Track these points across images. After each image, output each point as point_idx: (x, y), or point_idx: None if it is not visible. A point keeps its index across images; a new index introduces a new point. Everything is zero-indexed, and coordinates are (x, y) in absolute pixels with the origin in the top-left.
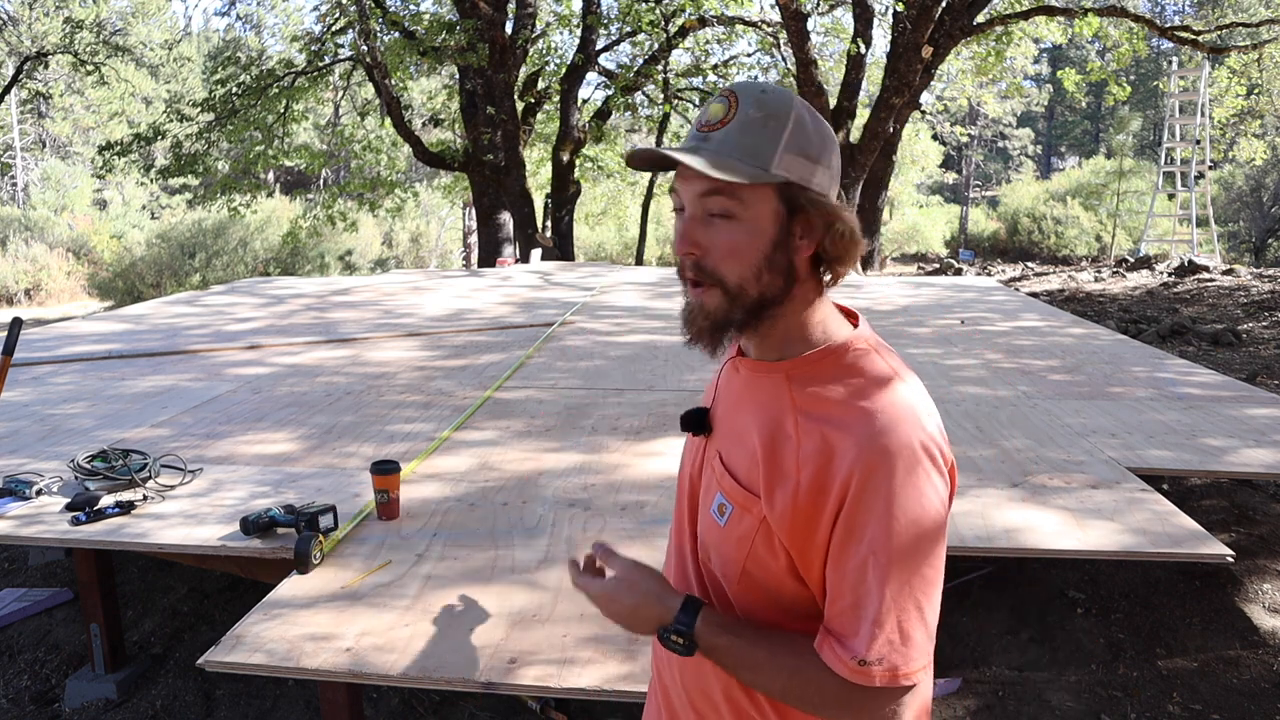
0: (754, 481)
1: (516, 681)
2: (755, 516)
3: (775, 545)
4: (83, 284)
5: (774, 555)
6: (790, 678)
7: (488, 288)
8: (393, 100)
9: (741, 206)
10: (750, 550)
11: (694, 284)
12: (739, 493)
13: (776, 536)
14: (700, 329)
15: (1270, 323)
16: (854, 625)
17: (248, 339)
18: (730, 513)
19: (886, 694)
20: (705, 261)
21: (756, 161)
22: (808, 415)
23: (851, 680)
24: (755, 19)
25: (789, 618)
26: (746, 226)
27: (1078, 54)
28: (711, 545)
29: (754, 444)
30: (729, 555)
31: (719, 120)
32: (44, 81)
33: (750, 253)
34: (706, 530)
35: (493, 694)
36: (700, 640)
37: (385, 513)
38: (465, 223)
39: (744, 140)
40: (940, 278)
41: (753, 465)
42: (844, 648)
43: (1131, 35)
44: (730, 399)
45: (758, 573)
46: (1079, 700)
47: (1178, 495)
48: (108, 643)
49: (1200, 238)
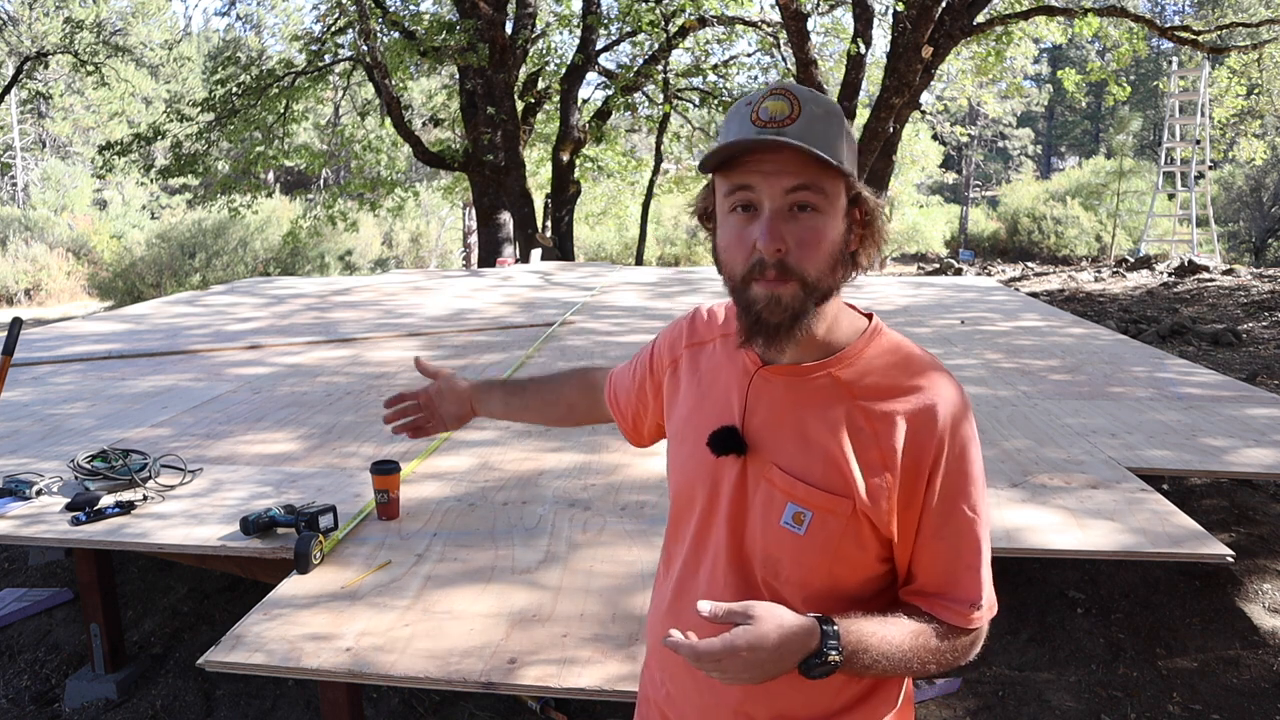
0: (835, 482)
1: (516, 681)
2: (843, 515)
3: (865, 537)
4: (83, 284)
5: (863, 548)
6: (926, 651)
7: (488, 288)
8: (393, 100)
9: (825, 200)
10: (838, 550)
11: (770, 280)
12: (820, 497)
13: (869, 527)
14: (780, 322)
15: (1270, 323)
16: (966, 577)
17: (248, 339)
18: (810, 519)
19: (986, 628)
20: (789, 258)
21: (834, 155)
22: (872, 402)
23: (973, 627)
24: (755, 19)
25: (858, 605)
26: (828, 220)
27: (1078, 54)
28: (786, 557)
29: (825, 445)
30: (812, 562)
31: (786, 116)
32: (44, 81)
33: (829, 246)
34: (776, 544)
35: (493, 694)
36: (848, 649)
37: (385, 513)
38: (465, 223)
39: (817, 134)
40: (940, 278)
41: (830, 466)
42: (958, 601)
43: (1131, 35)
44: (772, 410)
45: (843, 571)
46: (1079, 700)
47: (1178, 495)
48: (108, 643)
49: (1200, 238)
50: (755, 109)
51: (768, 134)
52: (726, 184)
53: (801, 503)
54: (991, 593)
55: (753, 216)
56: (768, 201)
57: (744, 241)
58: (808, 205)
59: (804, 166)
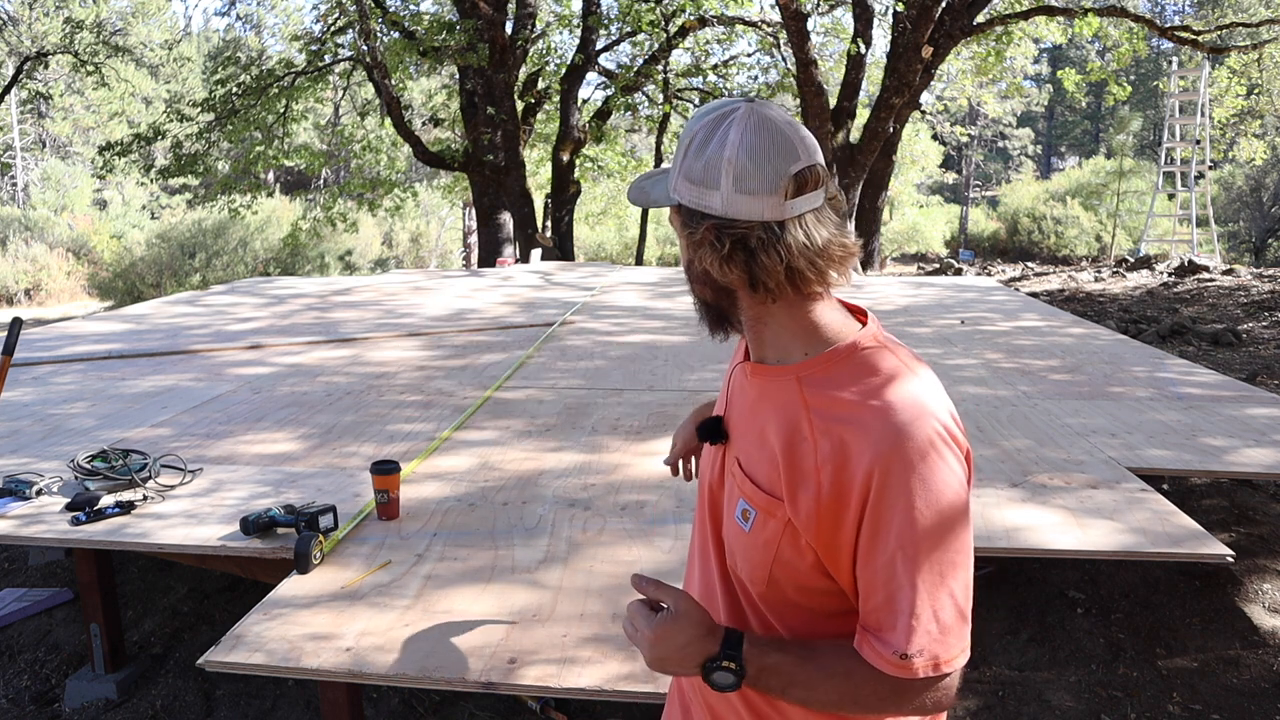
0: (775, 485)
1: (516, 681)
2: (779, 520)
3: (801, 545)
4: (83, 284)
5: (800, 555)
6: (842, 684)
7: (488, 288)
8: (393, 100)
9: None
10: (776, 553)
11: None
12: (761, 497)
13: (803, 537)
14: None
15: (1270, 323)
16: (891, 620)
17: (249, 339)
18: (754, 518)
19: (930, 683)
20: None
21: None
22: (822, 416)
23: (896, 675)
24: (755, 19)
25: (817, 617)
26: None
27: (1078, 54)
28: (738, 551)
29: (772, 448)
30: (755, 559)
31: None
32: (44, 81)
33: (690, 267)
34: (733, 537)
35: (493, 694)
36: (750, 665)
37: (385, 513)
38: (465, 223)
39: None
40: (940, 278)
41: (773, 469)
42: (884, 644)
43: (1131, 35)
44: (744, 405)
45: (784, 574)
46: (1079, 700)
47: (1178, 495)
48: (108, 643)
49: (1200, 238)
50: None
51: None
52: None
53: (749, 500)
54: (944, 647)
55: None
56: None
57: None
58: None
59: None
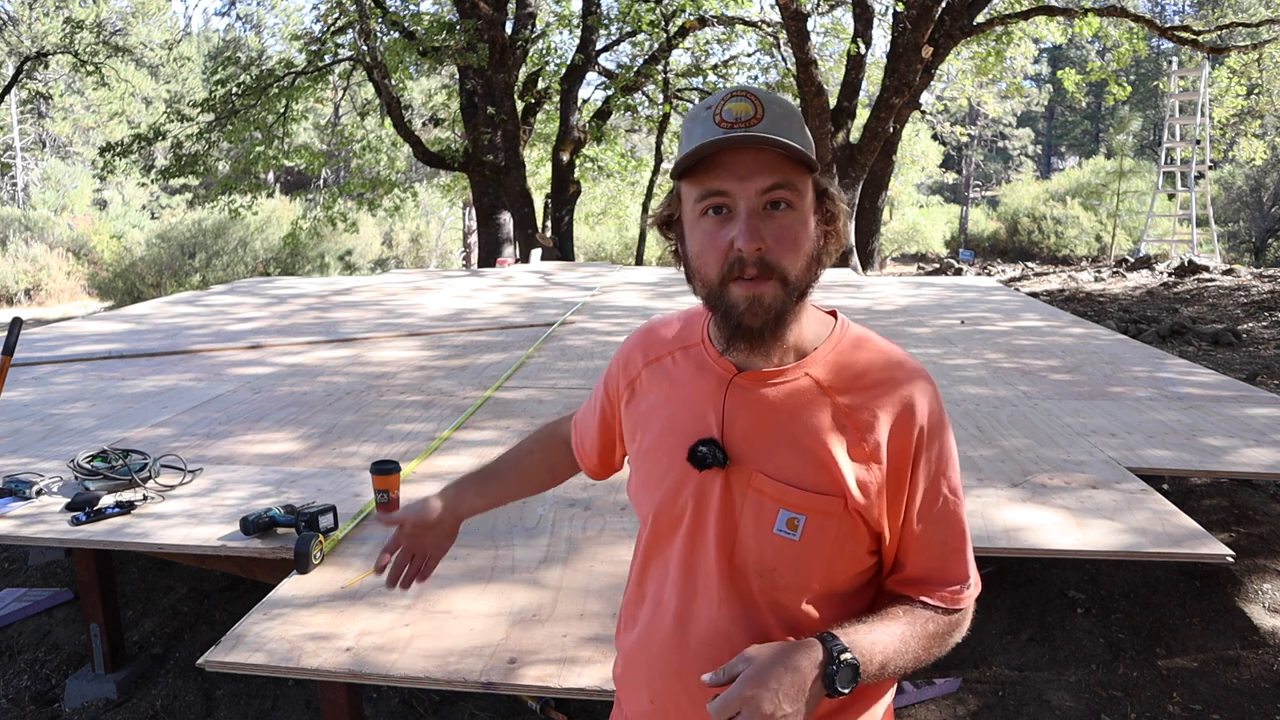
0: (825, 483)
1: (516, 681)
2: (836, 515)
3: (860, 533)
4: (83, 284)
5: (858, 544)
6: (923, 638)
7: (488, 288)
8: (393, 100)
9: (798, 197)
10: (834, 550)
11: (751, 279)
12: (812, 499)
13: (861, 523)
14: (763, 325)
15: (1270, 323)
16: (953, 560)
17: (249, 339)
18: (805, 523)
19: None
20: (769, 255)
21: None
22: (852, 399)
23: (959, 608)
24: (755, 19)
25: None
26: (801, 217)
27: (1078, 54)
28: (784, 565)
29: (812, 447)
30: (810, 566)
31: (752, 116)
32: (44, 81)
33: (806, 243)
34: (773, 554)
35: (493, 694)
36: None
37: (385, 513)
38: (465, 223)
39: (784, 131)
40: (940, 278)
41: (819, 468)
42: (948, 584)
43: (1131, 35)
44: (753, 417)
45: (839, 570)
46: (1079, 700)
47: (1178, 495)
48: (108, 643)
49: (1200, 238)
50: (717, 111)
51: (737, 133)
52: (697, 189)
53: (795, 508)
54: (975, 571)
55: (726, 219)
56: (743, 202)
57: (718, 244)
58: (781, 203)
59: (776, 165)
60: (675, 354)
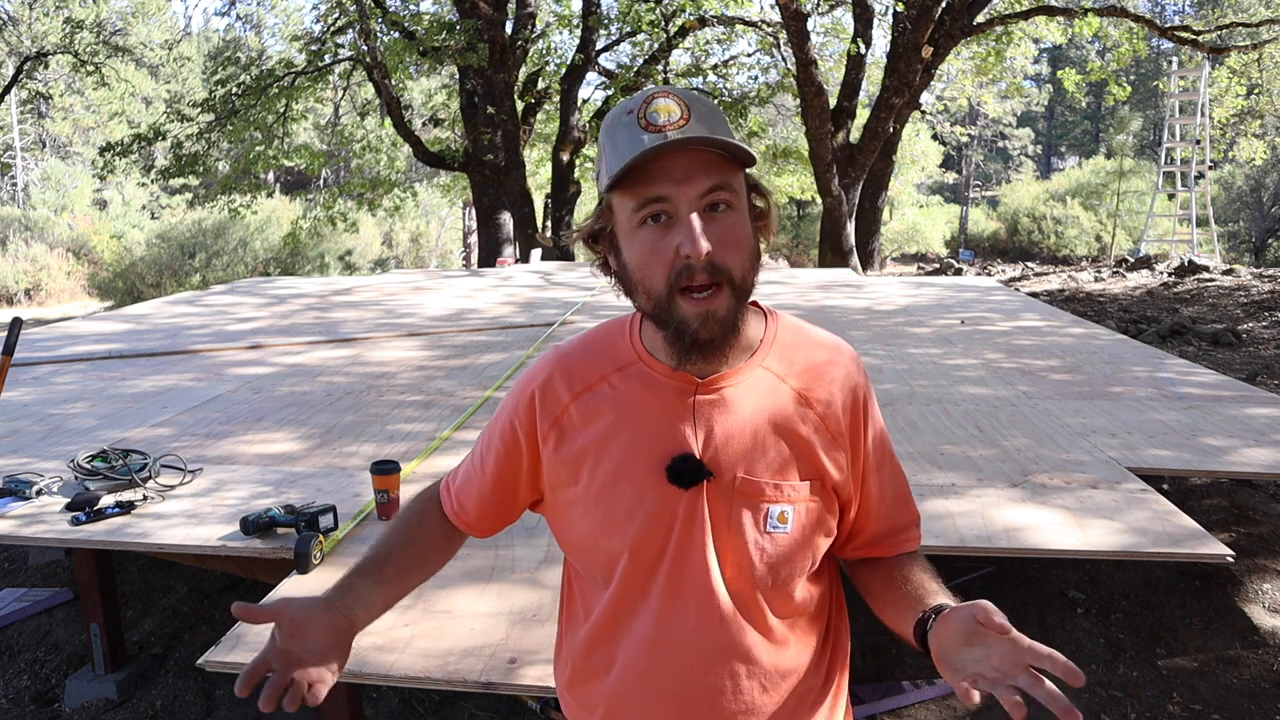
0: (804, 469)
1: (516, 681)
2: (817, 496)
3: (834, 506)
4: (83, 284)
5: (834, 515)
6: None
7: (488, 288)
8: (393, 100)
9: (736, 196)
10: (820, 528)
11: (702, 289)
12: (794, 489)
13: (835, 500)
14: (715, 337)
15: (1270, 323)
16: (902, 507)
17: (249, 339)
18: (793, 514)
19: None
20: (716, 258)
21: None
22: (803, 380)
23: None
24: (755, 19)
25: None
26: (741, 216)
27: (1078, 54)
28: (780, 559)
29: (786, 438)
30: (801, 554)
31: (681, 117)
32: (44, 81)
33: (747, 241)
34: (771, 550)
35: (493, 694)
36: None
37: (385, 513)
38: (465, 223)
39: (716, 129)
40: (940, 278)
41: (797, 456)
42: (907, 529)
43: (1131, 35)
44: (724, 423)
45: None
46: (1079, 700)
47: (1178, 495)
48: (108, 643)
49: (1200, 238)
50: (641, 115)
51: (673, 136)
52: (633, 198)
53: (784, 501)
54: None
55: (667, 226)
56: (685, 206)
57: (662, 253)
58: (721, 204)
59: (713, 165)
60: (610, 378)
